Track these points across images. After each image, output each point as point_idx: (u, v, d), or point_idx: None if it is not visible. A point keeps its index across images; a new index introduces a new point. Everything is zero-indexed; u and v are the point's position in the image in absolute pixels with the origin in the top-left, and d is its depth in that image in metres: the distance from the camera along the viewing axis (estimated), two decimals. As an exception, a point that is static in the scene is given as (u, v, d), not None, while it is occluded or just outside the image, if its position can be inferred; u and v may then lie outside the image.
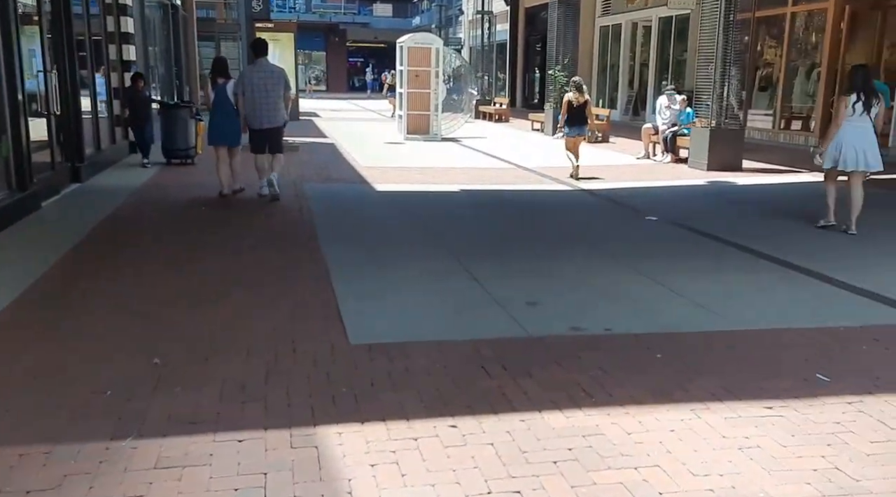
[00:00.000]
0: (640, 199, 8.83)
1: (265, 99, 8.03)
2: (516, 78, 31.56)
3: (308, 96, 39.19)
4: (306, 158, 12.47)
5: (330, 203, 8.27)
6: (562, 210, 8.18)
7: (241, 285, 4.92)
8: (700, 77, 11.41)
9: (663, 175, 10.99)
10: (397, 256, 5.81)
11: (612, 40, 23.46)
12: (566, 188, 9.74)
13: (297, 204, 8.09)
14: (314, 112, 26.78)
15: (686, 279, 5.23)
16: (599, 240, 6.52)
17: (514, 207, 8.21)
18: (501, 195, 8.97)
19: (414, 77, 16.42)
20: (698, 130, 11.40)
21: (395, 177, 10.42)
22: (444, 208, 8.12)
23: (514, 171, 11.42)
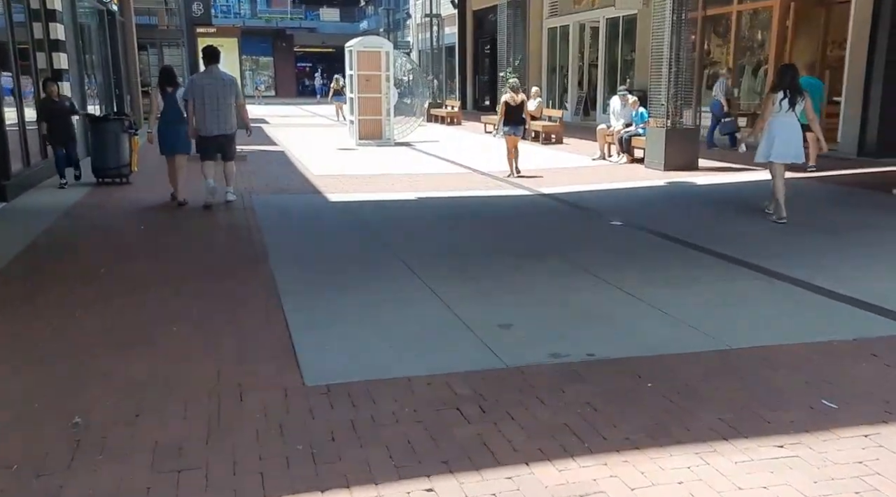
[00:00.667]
0: (602, 203, 8.56)
1: (216, 106, 8.04)
2: (466, 80, 31.31)
3: (257, 102, 38.35)
4: (255, 168, 11.90)
5: (281, 217, 7.77)
6: (524, 217, 7.84)
7: (180, 320, 4.42)
8: (653, 77, 11.24)
9: (621, 176, 10.77)
10: (356, 277, 5.37)
11: (561, 41, 23.35)
12: (525, 192, 9.42)
13: (245, 220, 7.57)
14: (263, 118, 26.05)
15: (663, 291, 4.93)
16: (567, 249, 6.19)
17: (474, 216, 7.84)
18: (460, 203, 8.60)
19: (364, 81, 15.95)
20: (654, 130, 11.23)
21: (349, 185, 9.95)
22: (403, 219, 7.70)
23: (471, 175, 11.06)
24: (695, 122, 11.39)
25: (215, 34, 12.69)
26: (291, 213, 8.04)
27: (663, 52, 10.96)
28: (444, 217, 7.88)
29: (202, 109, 8.07)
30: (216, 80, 8.16)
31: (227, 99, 8.14)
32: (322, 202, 8.73)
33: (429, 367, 3.65)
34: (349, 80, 16.64)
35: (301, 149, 15.10)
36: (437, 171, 11.69)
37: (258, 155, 13.89)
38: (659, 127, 11.11)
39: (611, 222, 7.42)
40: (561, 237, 6.79)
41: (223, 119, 8.15)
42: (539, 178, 10.58)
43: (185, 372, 3.62)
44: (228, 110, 8.18)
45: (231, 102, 8.19)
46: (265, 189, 9.69)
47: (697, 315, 4.45)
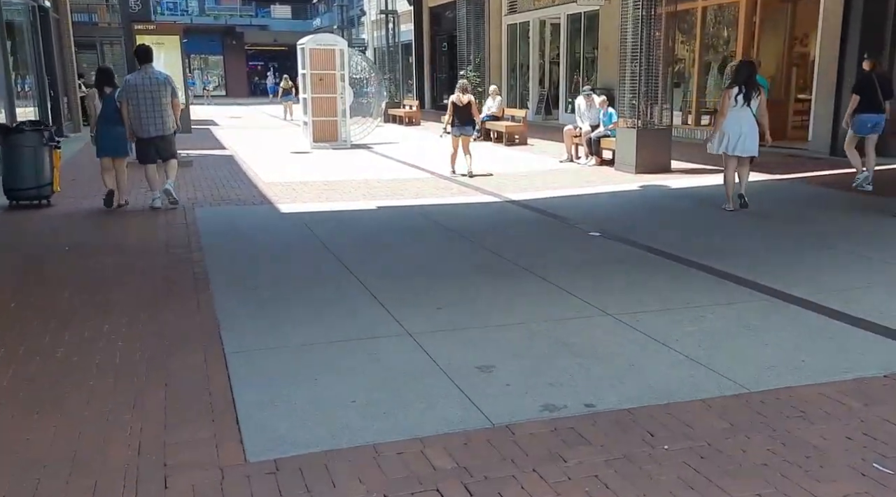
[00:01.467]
0: (575, 210, 8.03)
1: (152, 107, 7.94)
2: (424, 79, 30.68)
3: (206, 103, 37.11)
4: (200, 175, 11.08)
5: (226, 233, 7.04)
6: (494, 228, 7.25)
7: (99, 370, 3.70)
8: (622, 75, 10.78)
9: (592, 180, 10.27)
10: (311, 306, 4.70)
11: (521, 39, 22.89)
12: (493, 199, 8.84)
13: (186, 236, 6.82)
14: (212, 120, 25.04)
15: (659, 319, 4.39)
16: (545, 266, 5.61)
17: (440, 228, 7.22)
18: (424, 212, 7.96)
19: (318, 81, 15.20)
20: (624, 131, 10.77)
21: (302, 194, 9.23)
22: (362, 233, 7.03)
23: (434, 181, 10.44)
24: (661, 120, 10.94)
25: (155, 31, 11.82)
26: (238, 227, 7.29)
27: (634, 49, 10.50)
28: (406, 229, 7.23)
29: (137, 111, 7.94)
30: (150, 80, 8.00)
31: (162, 99, 7.99)
32: (273, 214, 8.01)
33: (400, 430, 3.02)
34: (302, 80, 15.86)
35: (252, 153, 14.28)
36: (397, 175, 11.04)
37: (205, 160, 13.04)
38: (629, 127, 10.65)
39: (588, 233, 6.88)
40: (536, 252, 6.21)
41: (160, 120, 8.02)
42: (505, 183, 10.02)
43: (98, 444, 2.92)
44: (165, 110, 8.03)
45: (167, 102, 8.04)
46: (210, 199, 8.91)
47: (703, 348, 3.91)
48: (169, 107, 8.07)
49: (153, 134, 8.04)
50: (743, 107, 7.59)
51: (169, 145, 8.29)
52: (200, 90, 40.25)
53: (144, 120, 7.96)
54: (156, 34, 11.81)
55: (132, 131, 8.07)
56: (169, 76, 8.41)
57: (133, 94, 7.94)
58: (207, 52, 50.12)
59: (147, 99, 7.93)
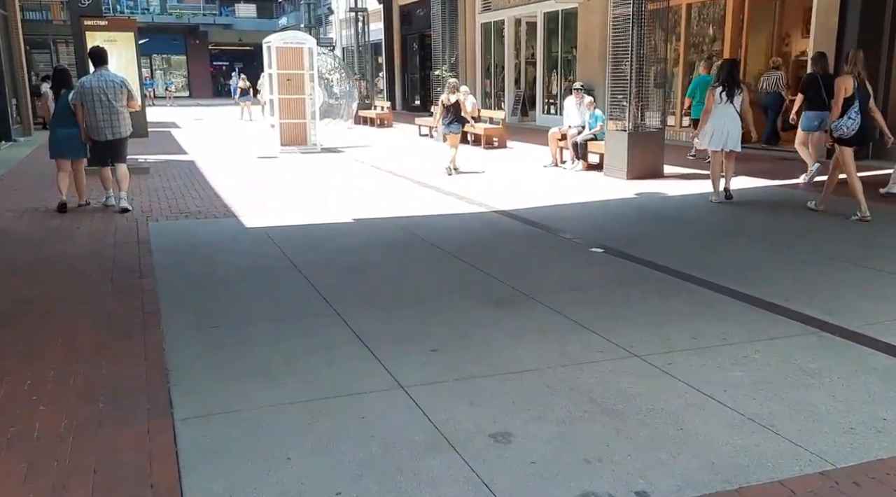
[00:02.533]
0: (570, 222, 7.36)
1: (108, 110, 7.88)
2: (395, 79, 29.91)
3: (169, 104, 35.92)
4: (158, 183, 10.20)
5: (183, 252, 6.22)
6: (486, 244, 6.53)
7: (11, 450, 2.90)
8: (614, 75, 10.15)
9: (581, 187, 9.62)
10: (281, 350, 3.94)
11: (495, 38, 22.26)
12: (480, 209, 8.13)
13: (137, 256, 5.98)
14: (173, 122, 24.00)
15: (697, 360, 3.72)
16: (549, 291, 4.92)
17: (425, 244, 6.49)
18: (406, 225, 7.22)
19: (285, 81, 14.36)
20: (615, 134, 10.15)
21: (269, 204, 8.43)
22: (338, 251, 6.27)
23: (414, 188, 9.70)
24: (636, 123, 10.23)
25: (107, 27, 10.91)
26: (197, 245, 6.46)
27: (625, 48, 9.87)
28: (387, 246, 6.48)
29: (93, 114, 7.86)
30: (106, 83, 7.89)
31: (118, 100, 7.91)
32: (236, 229, 7.19)
33: (402, 540, 2.29)
34: (268, 80, 15.00)
35: (215, 158, 13.39)
36: (372, 183, 10.27)
37: (163, 166, 12.14)
38: (620, 130, 10.03)
39: (590, 249, 6.20)
40: (535, 272, 5.52)
41: (115, 123, 7.95)
42: (490, 191, 9.32)
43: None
44: (120, 114, 7.97)
45: (123, 106, 7.98)
46: (167, 211, 8.06)
47: (760, 402, 3.24)
48: (125, 110, 8.01)
49: (108, 137, 7.96)
50: (727, 104, 7.99)
51: (123, 149, 8.20)
52: (163, 91, 38.92)
53: (100, 123, 7.87)
54: (108, 31, 10.87)
55: (86, 133, 7.99)
56: (125, 79, 8.23)
57: (88, 96, 7.82)
58: (170, 52, 48.74)
59: (102, 101, 7.83)
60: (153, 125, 21.90)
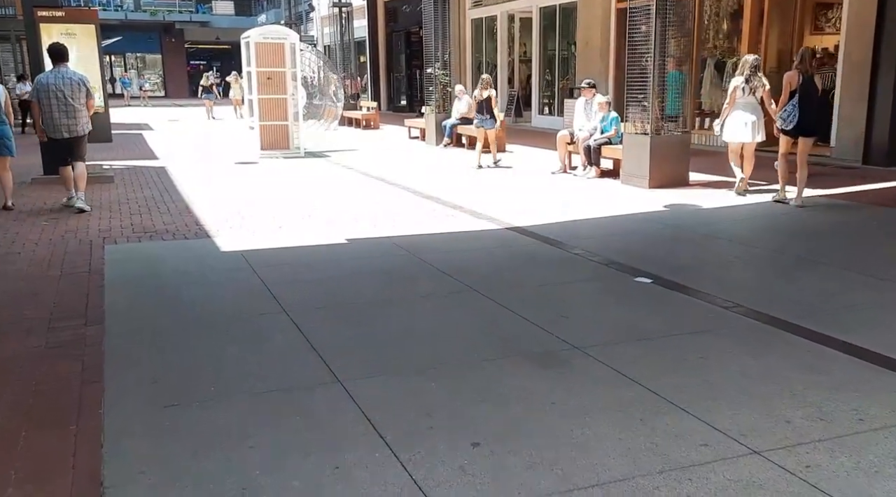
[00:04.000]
0: (599, 242, 6.34)
1: (66, 108, 7.74)
2: (380, 78, 28.81)
3: (143, 105, 34.56)
4: (122, 194, 9.04)
5: (143, 286, 5.10)
6: (506, 272, 5.48)
7: None
8: (632, 73, 9.15)
9: (600, 198, 8.61)
10: (263, 437, 2.86)
11: (487, 35, 21.24)
12: (491, 226, 7.08)
13: (85, 293, 4.86)
14: (146, 123, 22.74)
15: (842, 461, 2.69)
16: (603, 342, 3.88)
17: (435, 272, 5.42)
18: (409, 247, 6.15)
19: (265, 80, 13.22)
20: (633, 138, 9.14)
21: (249, 221, 7.32)
22: (332, 286, 5.17)
23: (411, 200, 8.62)
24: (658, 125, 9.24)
25: (65, 19, 9.73)
26: (161, 278, 5.33)
27: (647, 43, 8.88)
28: (391, 276, 5.40)
29: (50, 111, 7.72)
30: (64, 80, 7.73)
31: (77, 100, 7.77)
32: (210, 253, 6.08)
33: None
34: (247, 78, 13.86)
35: (189, 164, 12.23)
36: (364, 193, 9.19)
37: (130, 173, 10.97)
38: (639, 133, 9.03)
39: (635, 279, 5.18)
40: (581, 313, 4.48)
41: (73, 121, 7.81)
42: (498, 202, 8.27)
43: None
44: (79, 112, 7.83)
45: (82, 104, 7.84)
46: (129, 229, 6.92)
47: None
48: (84, 108, 7.88)
49: (66, 135, 7.84)
50: (748, 96, 8.16)
51: (82, 147, 8.09)
52: (137, 91, 37.43)
53: (57, 121, 7.74)
54: (65, 23, 9.71)
55: (43, 132, 7.88)
56: (84, 76, 8.07)
57: (45, 94, 7.69)
58: (145, 51, 47.19)
59: (59, 99, 7.69)
60: (123, 127, 20.68)
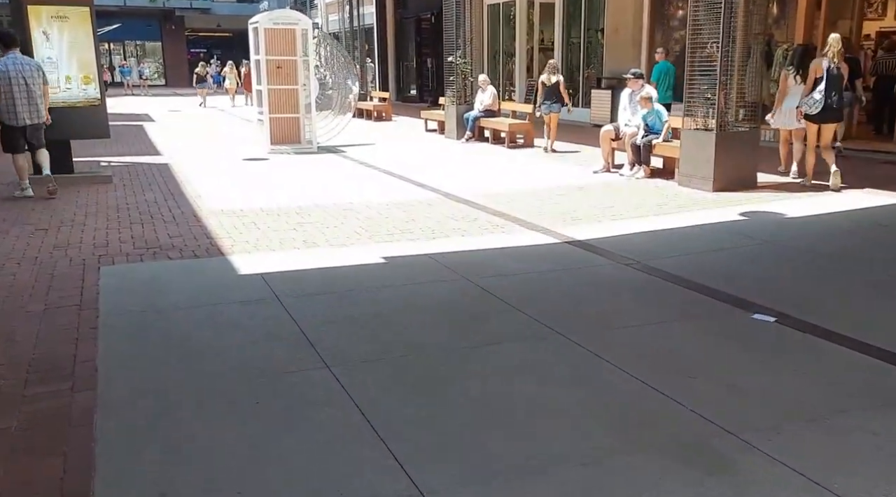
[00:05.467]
0: (681, 261, 5.36)
1: (26, 94, 7.77)
2: (388, 67, 27.73)
3: (143, 94, 33.53)
4: (122, 198, 8.07)
5: (145, 328, 4.12)
6: (583, 303, 4.51)
7: None
8: (694, 60, 8.14)
9: (661, 203, 7.63)
10: None
11: (504, 22, 20.16)
12: (547, 240, 6.11)
13: (74, 338, 3.90)
14: (146, 114, 21.72)
15: None
16: (751, 424, 2.93)
17: (503, 308, 4.44)
18: (459, 269, 5.17)
19: (275, 69, 12.20)
20: (693, 135, 8.14)
21: (267, 232, 6.34)
22: (375, 324, 4.20)
23: (447, 206, 7.63)
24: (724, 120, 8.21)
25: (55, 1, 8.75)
26: (167, 314, 4.35)
27: (712, 25, 7.86)
28: (445, 310, 4.43)
29: (10, 99, 7.70)
30: (22, 66, 7.75)
31: (35, 86, 7.83)
32: (226, 278, 5.09)
33: None
34: (255, 66, 12.84)
35: (194, 160, 11.24)
36: (391, 196, 8.20)
37: (131, 171, 9.98)
38: (701, 129, 8.03)
39: (752, 317, 4.20)
40: (701, 369, 3.51)
41: (34, 108, 7.86)
42: (543, 209, 7.29)
43: None
44: (39, 98, 7.89)
45: (41, 90, 7.89)
46: (129, 245, 5.94)
47: None
48: (42, 95, 7.90)
49: (27, 122, 7.85)
50: (798, 85, 8.18)
51: (40, 134, 8.06)
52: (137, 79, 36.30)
53: (18, 108, 7.74)
54: (55, 5, 8.71)
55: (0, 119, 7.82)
56: (39, 62, 8.17)
57: (5, 80, 7.65)
58: (144, 38, 45.98)
59: (20, 86, 7.71)
60: (123, 118, 19.65)
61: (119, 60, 42.66)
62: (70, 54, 8.90)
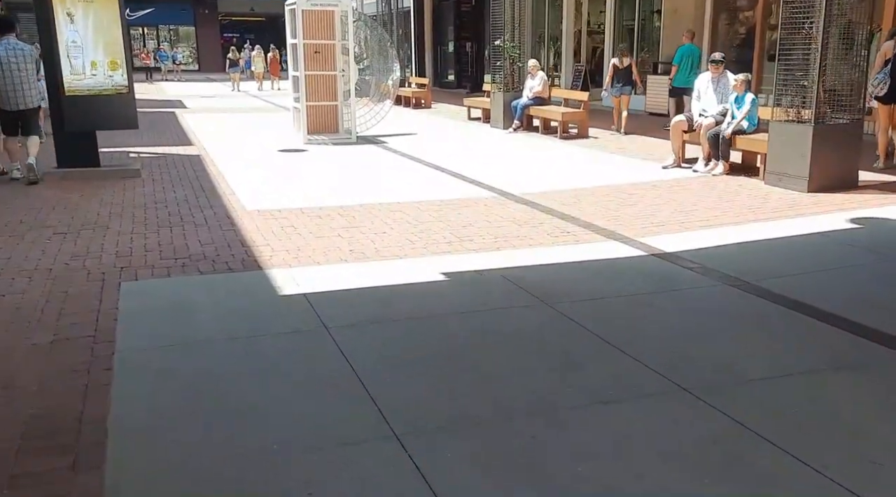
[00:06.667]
0: (799, 283, 4.49)
1: (20, 79, 7.81)
2: (425, 51, 26.85)
3: (176, 79, 33.15)
4: (150, 194, 7.41)
5: (170, 371, 3.40)
6: (693, 342, 3.69)
7: None
8: (786, 44, 7.18)
9: (750, 206, 6.73)
10: None
11: (550, 3, 19.16)
12: (629, 252, 5.27)
13: (84, 383, 3.19)
14: (179, 100, 21.20)
15: None
16: None
17: (590, 341, 3.65)
18: (533, 290, 4.37)
19: (313, 54, 11.46)
20: (786, 127, 7.20)
21: (309, 239, 5.60)
22: (448, 368, 3.44)
23: (507, 208, 6.81)
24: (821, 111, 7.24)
25: (82, -17, 8.13)
26: (198, 350, 3.60)
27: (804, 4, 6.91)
28: (528, 347, 3.63)
29: (3, 83, 7.77)
30: (15, 52, 7.79)
31: (27, 72, 7.87)
32: (266, 300, 4.34)
33: None
34: (291, 51, 12.11)
35: (226, 151, 10.57)
36: (440, 194, 7.41)
37: (160, 164, 9.34)
38: (794, 121, 7.09)
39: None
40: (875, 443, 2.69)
41: (25, 93, 7.90)
42: (618, 212, 6.44)
43: None
44: (30, 83, 7.94)
45: (32, 75, 7.93)
46: (156, 254, 5.24)
47: None
48: (35, 79, 7.99)
49: (20, 107, 7.90)
50: None
51: (34, 119, 8.17)
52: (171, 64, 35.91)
53: (10, 92, 7.80)
54: (83, -12, 8.07)
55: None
56: (33, 48, 8.27)
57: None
58: (178, 23, 45.64)
59: (11, 71, 7.76)
60: (155, 104, 19.14)
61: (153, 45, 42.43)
62: (96, 38, 8.23)
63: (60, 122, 8.20)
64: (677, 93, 11.99)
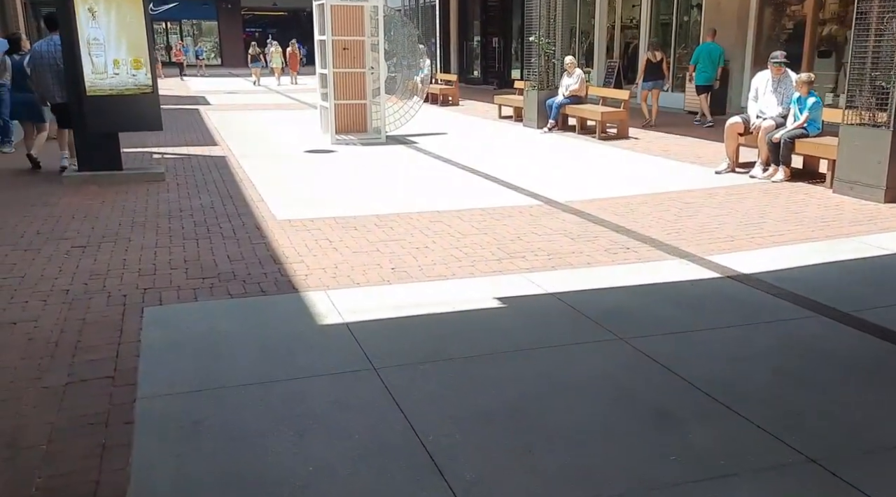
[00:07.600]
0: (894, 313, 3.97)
1: (58, 74, 7.92)
2: (450, 47, 26.35)
3: (199, 74, 32.93)
4: (175, 200, 7.00)
5: (197, 418, 2.94)
6: (812, 397, 3.16)
7: None
8: (860, 40, 6.59)
9: (822, 217, 6.18)
10: None
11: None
12: (701, 273, 4.75)
13: (103, 426, 2.76)
14: (202, 96, 20.89)
15: None
16: None
17: (686, 394, 3.15)
18: (604, 323, 3.88)
19: (341, 51, 11.01)
20: (859, 132, 6.62)
21: (346, 255, 5.14)
22: (503, 419, 2.96)
23: (554, 218, 6.30)
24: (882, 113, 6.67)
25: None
26: (225, 394, 3.15)
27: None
28: (602, 396, 3.13)
29: (43, 77, 8.05)
30: (55, 48, 7.87)
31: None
32: (304, 332, 3.87)
33: None
34: (318, 48, 11.66)
35: (252, 152, 10.16)
36: (482, 202, 6.91)
37: (185, 166, 8.94)
38: (869, 124, 6.51)
39: None
40: None
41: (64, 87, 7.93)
42: (678, 226, 5.91)
43: None
44: None
45: None
46: (181, 273, 4.80)
47: None
48: None
49: (58, 100, 8.13)
50: None
51: (70, 114, 8.08)
52: (193, 59, 35.66)
53: (51, 86, 8.04)
54: (105, -18, 7.67)
55: (43, 97, 8.35)
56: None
57: (39, 61, 8.03)
58: (201, 18, 45.48)
59: (51, 66, 7.96)
60: (179, 101, 18.83)
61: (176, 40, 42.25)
62: (119, 35, 7.83)
63: (82, 123, 7.82)
64: (702, 91, 12.28)
